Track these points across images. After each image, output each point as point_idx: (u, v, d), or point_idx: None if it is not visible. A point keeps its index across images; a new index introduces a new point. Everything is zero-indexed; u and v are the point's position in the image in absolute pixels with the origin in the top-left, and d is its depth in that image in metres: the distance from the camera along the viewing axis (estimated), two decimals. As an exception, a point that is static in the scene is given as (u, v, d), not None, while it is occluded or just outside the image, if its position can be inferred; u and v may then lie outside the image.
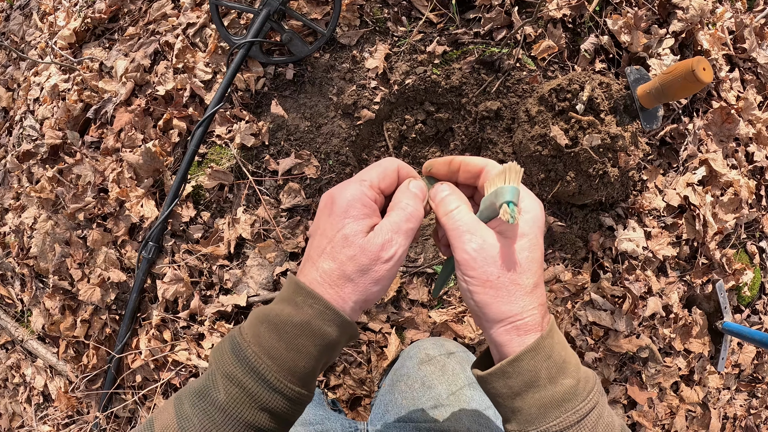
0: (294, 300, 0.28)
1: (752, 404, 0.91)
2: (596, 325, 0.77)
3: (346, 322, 0.28)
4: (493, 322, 0.29)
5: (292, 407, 0.28)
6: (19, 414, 0.98)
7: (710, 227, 0.79)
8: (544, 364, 0.27)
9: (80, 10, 0.96)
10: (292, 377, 0.27)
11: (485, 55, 0.73)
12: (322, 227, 0.30)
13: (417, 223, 0.30)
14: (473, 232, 0.29)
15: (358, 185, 0.30)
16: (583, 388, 0.28)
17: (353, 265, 0.28)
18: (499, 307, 0.28)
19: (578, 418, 0.27)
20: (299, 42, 0.73)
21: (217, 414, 0.27)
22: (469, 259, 0.29)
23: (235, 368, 0.27)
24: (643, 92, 0.65)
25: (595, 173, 0.67)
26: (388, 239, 0.29)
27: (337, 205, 0.29)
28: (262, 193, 0.75)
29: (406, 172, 0.33)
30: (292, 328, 0.27)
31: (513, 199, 0.27)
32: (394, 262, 0.29)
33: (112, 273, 0.79)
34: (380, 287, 0.29)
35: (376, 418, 0.55)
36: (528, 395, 0.27)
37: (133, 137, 0.80)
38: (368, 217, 0.30)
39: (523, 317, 0.28)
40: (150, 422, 0.28)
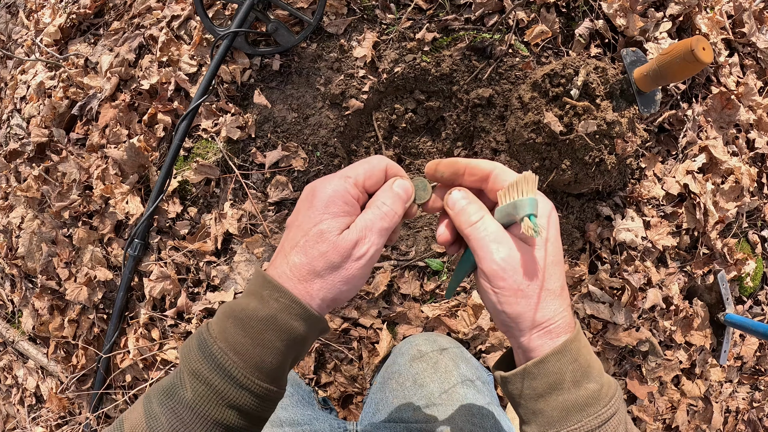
0: (260, 294, 0.27)
1: (755, 397, 0.89)
2: (594, 318, 0.75)
3: (313, 317, 0.28)
4: (526, 330, 0.29)
5: (261, 404, 0.27)
6: (12, 416, 0.97)
7: (711, 216, 0.77)
8: (570, 367, 0.27)
9: (65, 7, 0.95)
10: (260, 373, 0.27)
11: (476, 41, 0.71)
12: (300, 220, 0.29)
13: (392, 223, 0.29)
14: (500, 242, 0.28)
15: (341, 181, 0.29)
16: (605, 393, 0.27)
17: (323, 261, 0.27)
18: (533, 315, 0.28)
19: (600, 422, 0.27)
20: (285, 32, 0.71)
21: (185, 412, 0.26)
22: (499, 270, 0.28)
23: (201, 365, 0.26)
24: (640, 75, 0.63)
25: (591, 161, 0.65)
26: (361, 236, 0.28)
27: (318, 198, 0.29)
28: (249, 187, 0.73)
29: (394, 171, 0.31)
30: (257, 323, 0.27)
31: (534, 211, 0.27)
32: (365, 260, 0.28)
33: (99, 271, 0.77)
34: (350, 287, 0.29)
35: (366, 418, 0.54)
36: (551, 397, 0.27)
37: (117, 133, 0.78)
38: (347, 214, 0.29)
39: (555, 320, 0.28)
40: (120, 422, 0.27)
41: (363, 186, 0.30)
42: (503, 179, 0.30)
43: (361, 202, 0.30)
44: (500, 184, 0.30)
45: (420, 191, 0.32)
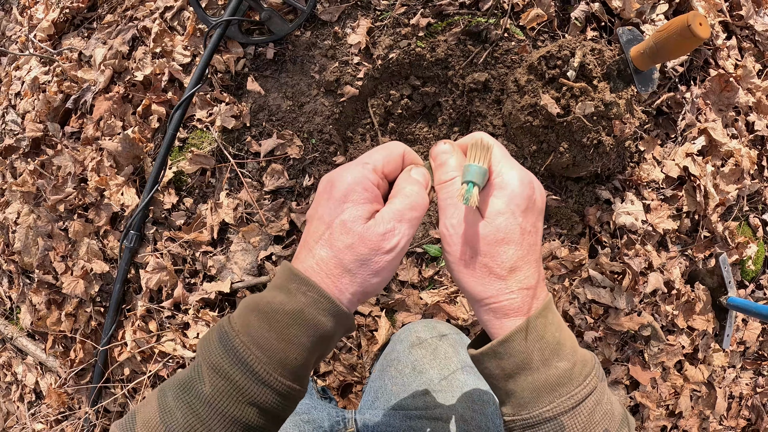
0: (287, 287, 0.27)
1: (759, 382, 0.88)
2: (595, 303, 0.74)
3: (342, 313, 0.27)
4: (471, 300, 0.28)
5: (283, 403, 0.26)
6: (12, 413, 0.96)
7: (711, 199, 0.76)
8: (536, 345, 0.26)
9: (59, 1, 0.94)
10: (283, 370, 0.26)
11: (471, 25, 0.71)
12: (320, 212, 0.28)
13: (422, 212, 0.29)
14: (456, 206, 0.28)
15: (360, 168, 0.28)
16: (579, 372, 0.26)
17: (351, 255, 0.26)
18: (474, 287, 0.27)
19: (573, 403, 0.25)
20: (279, 20, 0.71)
21: (202, 408, 0.25)
22: (447, 235, 0.28)
23: (221, 359, 0.25)
24: (637, 53, 0.62)
25: (589, 143, 0.65)
26: (390, 228, 0.27)
27: (337, 188, 0.28)
28: (245, 176, 0.73)
29: (411, 158, 0.31)
30: (283, 317, 0.26)
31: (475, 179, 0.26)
32: (396, 252, 0.27)
33: (95, 264, 0.77)
34: (380, 279, 0.27)
35: (365, 406, 0.54)
36: (520, 378, 0.26)
37: (112, 125, 0.78)
38: (369, 202, 0.28)
39: (498, 300, 0.27)
40: (132, 415, 0.26)
41: (382, 172, 0.29)
42: None
43: (382, 188, 0.29)
44: None
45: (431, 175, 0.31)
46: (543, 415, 0.25)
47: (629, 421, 0.28)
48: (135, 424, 0.26)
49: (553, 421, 0.25)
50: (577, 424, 0.25)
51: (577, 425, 0.25)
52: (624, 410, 0.28)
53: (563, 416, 0.25)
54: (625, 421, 0.27)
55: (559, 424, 0.25)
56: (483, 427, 0.45)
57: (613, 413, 0.27)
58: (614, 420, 0.26)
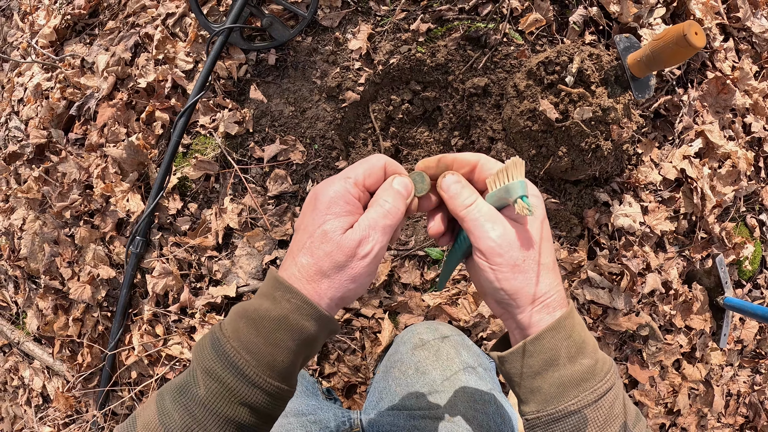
0: (272, 295, 0.28)
1: (756, 380, 0.90)
2: (594, 303, 0.75)
3: (323, 317, 0.28)
4: (524, 306, 0.29)
5: (272, 402, 0.28)
6: (20, 416, 0.98)
7: (708, 200, 0.77)
8: (565, 343, 0.28)
9: (60, 8, 0.95)
10: (271, 372, 0.27)
11: (471, 30, 0.72)
12: (305, 223, 0.30)
13: (395, 220, 0.30)
14: (494, 221, 0.29)
15: (342, 182, 0.30)
16: (600, 368, 0.28)
17: (329, 261, 0.28)
18: (530, 289, 0.29)
19: (596, 397, 0.27)
20: (280, 26, 0.71)
21: (198, 409, 0.26)
22: (495, 246, 0.29)
23: (214, 363, 0.27)
24: (634, 60, 0.63)
25: (587, 147, 0.66)
26: (365, 235, 0.29)
27: (320, 201, 0.30)
28: (248, 182, 0.74)
29: (393, 168, 0.32)
30: (269, 323, 0.27)
31: (525, 193, 0.28)
32: (370, 258, 0.29)
33: (102, 270, 0.78)
34: (357, 284, 0.29)
35: (370, 406, 0.55)
36: (548, 374, 0.28)
37: (116, 131, 0.79)
38: (350, 214, 0.30)
39: (551, 294, 0.29)
40: (133, 419, 0.28)
41: (363, 185, 0.31)
42: (489, 167, 0.31)
43: (363, 201, 0.31)
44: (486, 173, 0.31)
45: (419, 184, 0.32)
46: (568, 409, 0.27)
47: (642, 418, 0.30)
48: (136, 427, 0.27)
49: (577, 414, 0.27)
50: (599, 416, 0.27)
51: (599, 417, 0.27)
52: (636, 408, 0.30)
53: (586, 409, 0.27)
54: (639, 416, 0.29)
55: (583, 416, 0.27)
56: (485, 426, 0.46)
57: (628, 409, 0.29)
58: (630, 414, 0.29)
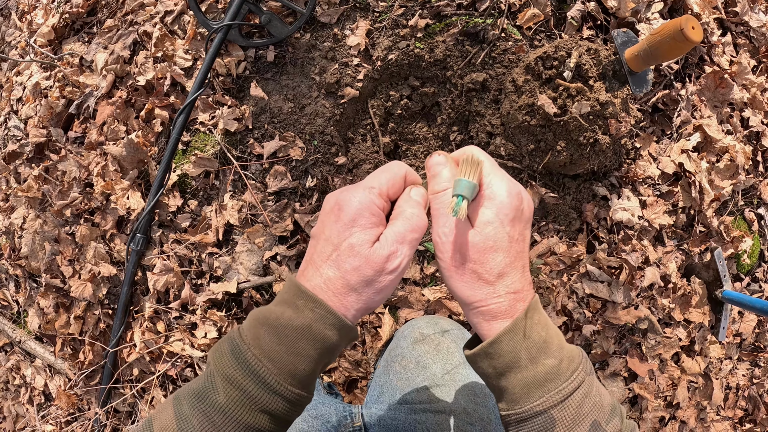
0: (295, 303, 0.28)
1: (755, 373, 0.90)
2: (593, 297, 0.76)
3: (347, 327, 0.29)
4: (462, 304, 0.30)
5: (292, 408, 0.28)
6: (22, 415, 0.98)
7: (707, 194, 0.77)
8: (523, 345, 0.28)
9: (58, 6, 0.95)
10: (292, 380, 0.27)
11: (469, 26, 0.72)
12: (327, 233, 0.30)
13: (421, 233, 0.30)
14: (449, 216, 0.29)
15: (366, 193, 0.30)
16: (566, 367, 0.28)
17: (357, 276, 0.28)
18: (464, 291, 0.29)
19: (562, 397, 0.27)
20: (278, 23, 0.72)
21: (217, 416, 0.27)
22: (439, 242, 0.30)
23: (235, 371, 0.27)
24: (631, 55, 0.63)
25: (586, 142, 0.66)
26: (393, 251, 0.29)
27: (345, 212, 0.29)
28: (248, 178, 0.74)
29: (412, 178, 0.32)
30: (292, 332, 0.27)
31: (464, 193, 0.28)
32: (398, 273, 0.29)
33: (103, 267, 0.78)
34: (382, 296, 0.29)
35: (371, 401, 0.55)
36: (511, 375, 0.28)
37: (115, 129, 0.79)
38: (375, 226, 0.29)
39: (487, 304, 0.29)
40: (149, 422, 0.28)
41: (387, 195, 0.31)
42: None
43: (386, 211, 0.31)
44: None
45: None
46: (534, 410, 0.27)
47: (619, 411, 0.29)
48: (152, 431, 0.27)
49: (543, 414, 0.27)
50: (566, 416, 0.27)
51: (566, 417, 0.27)
52: (613, 400, 0.30)
53: (553, 410, 0.27)
54: (615, 411, 0.29)
55: (550, 417, 0.27)
56: (485, 419, 0.47)
57: (602, 404, 0.28)
58: (603, 411, 0.28)
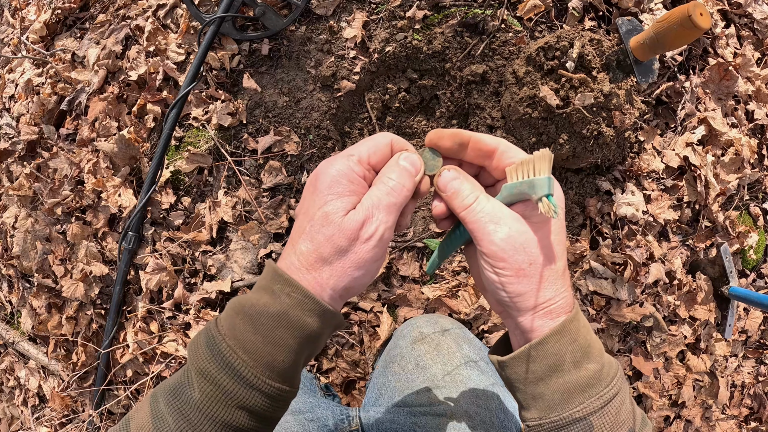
0: (271, 288, 0.26)
1: (761, 371, 0.89)
2: (597, 294, 0.74)
3: (327, 312, 0.26)
4: (526, 311, 0.28)
5: (273, 404, 0.26)
6: (16, 417, 0.96)
7: (712, 188, 0.76)
8: (570, 348, 0.26)
9: (50, 2, 0.93)
10: (271, 372, 0.25)
11: (468, 17, 0.70)
12: (305, 206, 0.28)
13: (401, 198, 0.28)
14: (497, 221, 0.27)
15: (344, 160, 0.28)
16: (607, 373, 0.27)
17: (330, 245, 0.26)
18: (535, 295, 0.27)
19: (602, 403, 0.26)
20: (273, 15, 0.70)
21: (193, 413, 0.25)
22: (498, 251, 0.27)
23: (209, 364, 0.25)
24: (637, 43, 0.61)
25: (589, 134, 0.64)
26: (368, 215, 0.27)
27: (321, 181, 0.27)
28: (243, 174, 0.72)
29: (400, 146, 0.30)
30: (268, 320, 0.25)
31: (552, 191, 0.26)
32: (375, 240, 0.27)
33: (94, 267, 0.76)
34: (363, 272, 0.27)
35: (369, 403, 0.53)
36: (551, 380, 0.26)
37: (107, 126, 0.77)
38: (353, 194, 0.27)
39: (556, 301, 0.27)
40: (126, 422, 0.27)
41: (368, 163, 0.29)
42: (509, 156, 0.28)
43: (369, 180, 0.29)
44: (507, 162, 0.28)
45: (429, 161, 0.30)
46: (573, 416, 0.26)
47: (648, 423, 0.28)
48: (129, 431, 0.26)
49: (582, 421, 0.26)
50: (605, 423, 0.26)
51: (605, 424, 0.26)
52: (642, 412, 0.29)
53: (592, 416, 0.26)
54: (645, 420, 0.28)
55: (588, 423, 0.26)
56: (487, 422, 0.45)
57: (635, 413, 0.27)
58: (637, 420, 0.27)
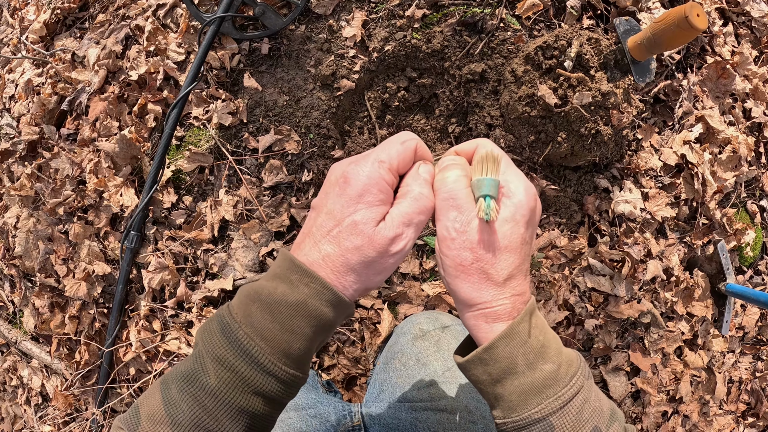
0: (288, 278, 0.27)
1: (757, 367, 0.89)
2: (595, 291, 0.75)
3: (344, 303, 0.27)
4: (462, 305, 0.28)
5: (287, 390, 0.27)
6: (20, 416, 0.97)
7: (709, 186, 0.76)
8: (521, 350, 0.26)
9: (50, 2, 0.93)
10: (287, 359, 0.26)
11: (467, 16, 0.70)
12: (330, 206, 0.28)
13: (429, 216, 0.29)
14: (461, 210, 0.27)
15: (376, 167, 0.28)
16: (565, 372, 0.27)
17: (359, 255, 0.26)
18: (468, 292, 0.27)
19: (561, 404, 0.26)
20: (273, 14, 0.70)
21: (208, 399, 0.25)
22: (448, 238, 0.27)
23: (225, 351, 0.26)
24: (634, 44, 0.62)
25: (587, 133, 0.65)
26: (399, 233, 0.27)
27: (351, 186, 0.27)
28: (243, 173, 0.73)
29: (422, 153, 0.30)
30: (286, 308, 0.26)
31: (490, 192, 0.26)
32: (401, 255, 0.28)
33: (97, 266, 0.77)
34: (382, 277, 0.28)
35: (371, 399, 0.54)
36: (507, 382, 0.27)
37: (108, 125, 0.78)
38: (383, 204, 0.28)
39: (492, 306, 0.27)
40: (135, 409, 0.27)
41: (396, 170, 0.29)
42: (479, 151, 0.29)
43: (394, 186, 0.29)
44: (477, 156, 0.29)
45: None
46: (532, 417, 0.26)
47: (619, 415, 0.28)
48: (139, 418, 0.26)
49: (542, 421, 0.26)
50: (566, 423, 0.26)
51: (566, 424, 0.26)
52: (611, 405, 0.29)
53: (552, 416, 0.26)
54: (614, 415, 0.28)
55: (549, 424, 0.26)
56: (487, 416, 0.46)
57: (601, 410, 0.27)
58: (603, 416, 0.27)
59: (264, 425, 0.27)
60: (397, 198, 0.29)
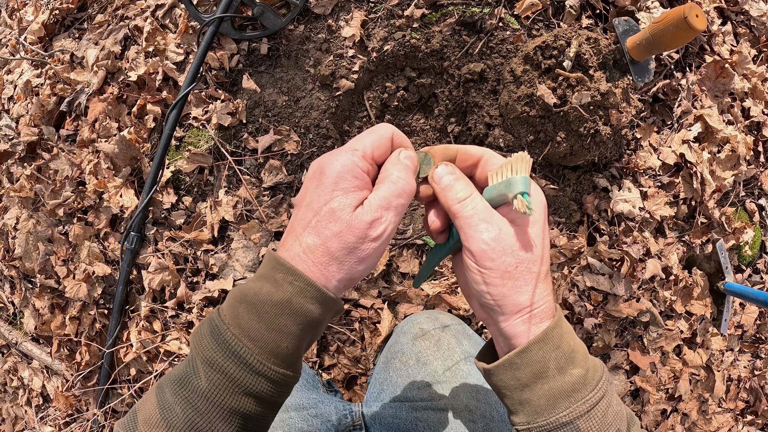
0: (273, 277, 0.27)
1: (756, 365, 0.90)
2: (595, 290, 0.75)
3: (329, 299, 0.27)
4: (509, 314, 0.28)
5: (278, 389, 0.27)
6: (21, 417, 0.97)
7: (708, 185, 0.77)
8: (553, 354, 0.27)
9: (48, 3, 0.93)
10: (275, 359, 0.26)
11: (466, 15, 0.70)
12: (309, 198, 0.28)
13: (408, 199, 0.28)
14: (489, 221, 0.27)
15: (349, 155, 0.28)
16: (592, 377, 0.27)
17: (339, 242, 0.26)
18: (518, 298, 0.27)
19: (588, 408, 0.26)
20: (272, 15, 0.70)
21: (200, 401, 0.25)
22: (488, 250, 0.27)
23: (214, 353, 0.26)
24: (633, 44, 0.62)
25: (586, 132, 0.65)
26: (377, 217, 0.27)
27: (326, 175, 0.27)
28: (243, 173, 0.73)
29: (400, 140, 0.30)
30: (272, 308, 0.26)
31: (526, 189, 0.26)
32: (382, 240, 0.27)
33: (97, 267, 0.77)
34: (366, 266, 0.28)
35: (371, 398, 0.54)
36: (537, 386, 0.27)
37: (107, 126, 0.78)
38: (359, 189, 0.28)
39: (539, 305, 0.28)
40: (133, 413, 0.27)
41: (372, 157, 0.29)
42: (493, 163, 0.29)
43: (371, 174, 0.29)
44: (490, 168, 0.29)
45: (423, 165, 0.30)
46: (559, 421, 0.26)
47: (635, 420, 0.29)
48: (137, 422, 0.26)
49: (569, 425, 0.26)
50: (592, 426, 0.26)
51: (592, 427, 0.26)
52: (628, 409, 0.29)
53: (579, 420, 0.26)
54: (632, 420, 0.29)
55: (575, 427, 0.26)
56: (488, 416, 0.46)
57: (622, 413, 0.28)
58: (624, 420, 0.28)
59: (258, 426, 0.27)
60: (376, 184, 0.29)
